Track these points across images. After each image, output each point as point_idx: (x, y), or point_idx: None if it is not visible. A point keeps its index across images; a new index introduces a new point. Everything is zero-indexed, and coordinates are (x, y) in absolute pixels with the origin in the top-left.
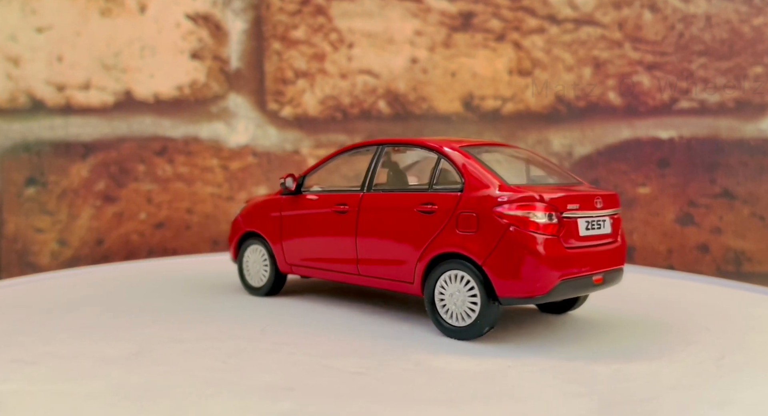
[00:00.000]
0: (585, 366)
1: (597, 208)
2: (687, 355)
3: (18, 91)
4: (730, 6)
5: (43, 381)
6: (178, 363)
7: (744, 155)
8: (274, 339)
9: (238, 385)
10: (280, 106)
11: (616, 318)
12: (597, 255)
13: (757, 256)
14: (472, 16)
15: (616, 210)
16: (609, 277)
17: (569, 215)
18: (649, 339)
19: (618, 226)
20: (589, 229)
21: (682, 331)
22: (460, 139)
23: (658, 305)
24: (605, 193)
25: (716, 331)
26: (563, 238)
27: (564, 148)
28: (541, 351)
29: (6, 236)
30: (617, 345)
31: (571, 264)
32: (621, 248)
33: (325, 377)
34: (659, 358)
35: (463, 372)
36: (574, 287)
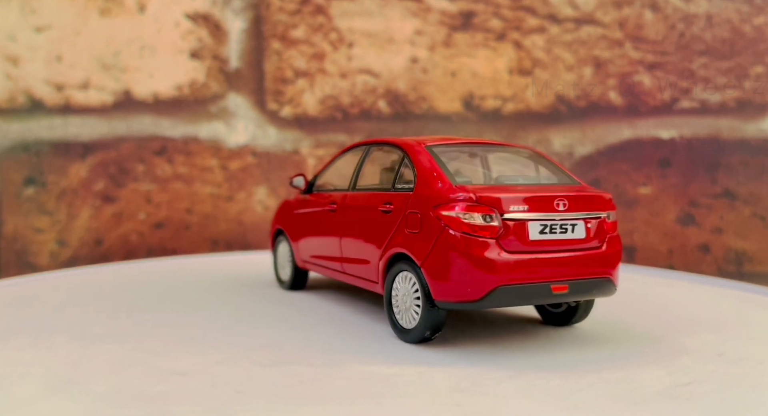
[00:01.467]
0: (539, 373)
1: (558, 210)
2: (670, 364)
3: (17, 91)
4: (731, 6)
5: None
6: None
7: (745, 155)
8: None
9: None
10: (280, 106)
11: (606, 323)
12: (558, 262)
13: (758, 256)
14: (473, 15)
15: (596, 213)
16: (580, 287)
17: (512, 217)
18: (631, 346)
19: (602, 231)
20: (546, 233)
21: (667, 337)
22: (442, 137)
23: (649, 308)
24: (586, 195)
25: (708, 337)
26: (504, 241)
27: (564, 148)
28: (494, 357)
29: (5, 236)
30: (598, 351)
31: (513, 270)
32: (604, 256)
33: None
34: (633, 366)
35: (372, 375)
36: (520, 296)
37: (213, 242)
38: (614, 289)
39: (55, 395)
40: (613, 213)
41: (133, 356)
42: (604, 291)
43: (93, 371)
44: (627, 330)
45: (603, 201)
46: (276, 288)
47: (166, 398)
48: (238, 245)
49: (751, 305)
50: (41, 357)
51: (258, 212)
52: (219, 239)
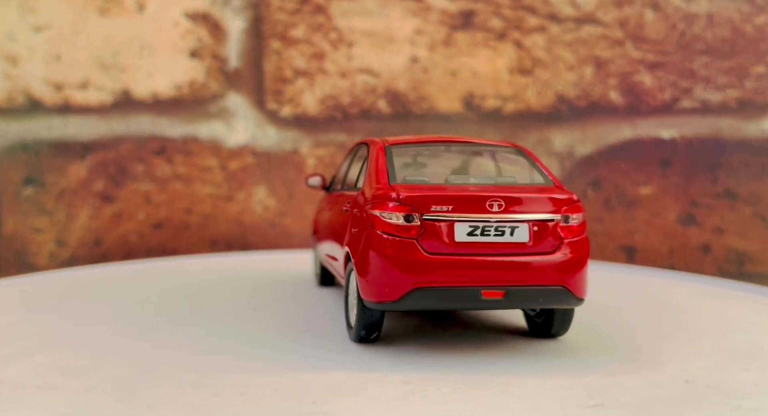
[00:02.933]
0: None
1: (492, 211)
2: (649, 372)
3: (16, 90)
4: (732, 5)
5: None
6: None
7: (746, 154)
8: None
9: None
10: (280, 105)
11: (593, 329)
12: (491, 266)
13: (759, 256)
14: (473, 15)
15: (544, 216)
16: (521, 295)
17: (434, 217)
18: (605, 355)
19: (555, 236)
20: (476, 235)
21: (649, 343)
22: (420, 136)
23: (642, 313)
24: (531, 196)
25: (696, 343)
26: (425, 242)
27: (565, 148)
28: (440, 366)
29: (4, 236)
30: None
31: (432, 272)
32: (556, 263)
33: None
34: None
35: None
36: (441, 298)
37: (212, 242)
38: (574, 300)
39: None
40: (575, 216)
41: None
42: (557, 301)
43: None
44: (610, 337)
45: (557, 203)
46: (268, 288)
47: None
48: (238, 245)
49: (745, 306)
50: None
51: (258, 213)
52: (219, 239)
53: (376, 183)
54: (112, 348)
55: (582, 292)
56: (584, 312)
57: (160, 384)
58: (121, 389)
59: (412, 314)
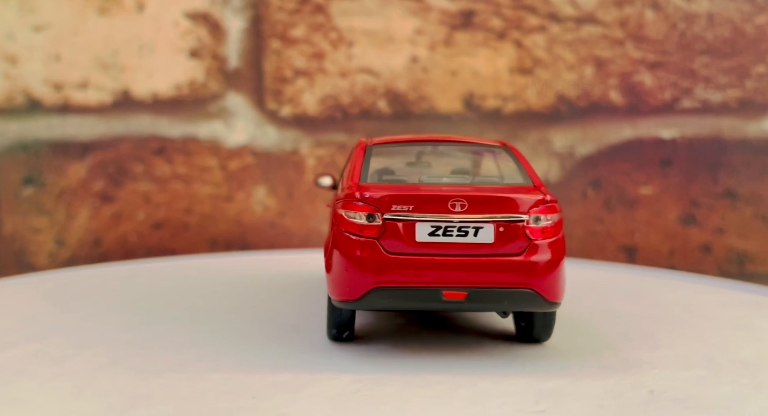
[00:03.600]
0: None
1: (454, 212)
2: (610, 380)
3: (15, 90)
4: (733, 5)
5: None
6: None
7: (747, 154)
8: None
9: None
10: (280, 105)
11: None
12: (453, 267)
13: (760, 256)
14: (473, 14)
15: (509, 217)
16: (485, 297)
17: (394, 217)
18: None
19: (523, 237)
20: (438, 235)
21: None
22: (406, 136)
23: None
24: (496, 196)
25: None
26: (386, 242)
27: (565, 148)
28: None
29: (4, 237)
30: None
31: (392, 272)
32: (522, 265)
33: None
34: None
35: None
36: (402, 298)
37: (212, 242)
38: (545, 303)
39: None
40: (547, 217)
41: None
42: (525, 305)
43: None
44: (595, 341)
45: (526, 203)
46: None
47: None
48: (238, 245)
49: (750, 311)
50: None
51: (257, 213)
52: (218, 239)
53: (348, 182)
54: (97, 340)
55: (554, 295)
56: (578, 314)
57: (118, 375)
58: (83, 378)
59: (400, 314)
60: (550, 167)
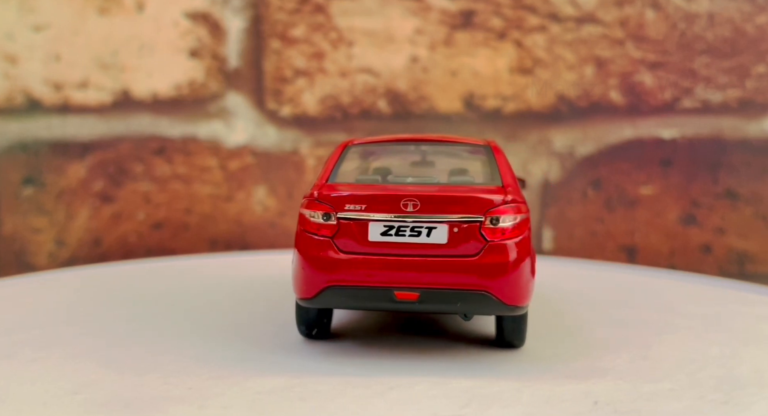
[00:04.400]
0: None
1: (406, 211)
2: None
3: (15, 90)
4: (733, 5)
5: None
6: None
7: (747, 154)
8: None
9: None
10: (279, 105)
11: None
12: (405, 267)
13: (760, 256)
14: (473, 14)
15: (465, 217)
16: (437, 298)
17: (348, 216)
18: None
19: (478, 238)
20: (391, 235)
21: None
22: (391, 136)
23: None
24: (451, 195)
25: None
26: (340, 241)
27: (565, 148)
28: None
29: (3, 237)
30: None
31: (345, 271)
32: (477, 266)
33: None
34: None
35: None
36: (355, 298)
37: (212, 242)
38: (502, 306)
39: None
40: (506, 217)
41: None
42: (479, 307)
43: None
44: (571, 346)
45: (483, 204)
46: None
47: None
48: (237, 245)
49: (751, 316)
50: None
51: (257, 213)
52: (218, 239)
53: (316, 182)
54: (80, 334)
55: (513, 299)
56: (574, 318)
57: (80, 366)
58: (48, 364)
59: (388, 313)
60: (551, 167)
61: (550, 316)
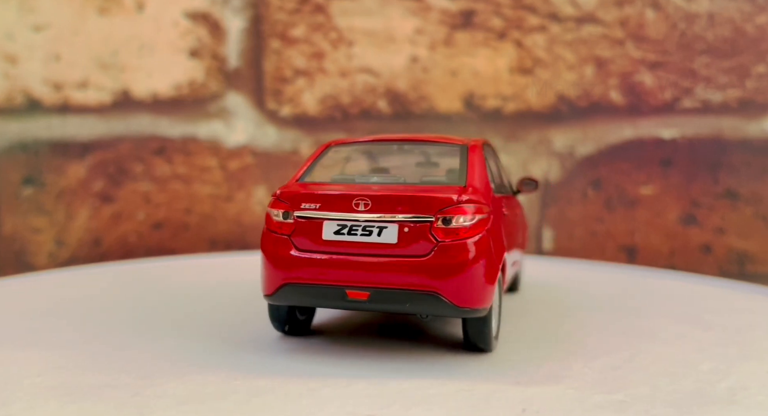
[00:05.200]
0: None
1: (358, 211)
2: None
3: (15, 90)
4: (733, 5)
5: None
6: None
7: (747, 154)
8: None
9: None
10: (279, 105)
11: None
12: (356, 266)
13: (760, 256)
14: (473, 14)
15: (415, 217)
16: (387, 298)
17: (304, 215)
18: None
19: (429, 238)
20: (343, 234)
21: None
22: (374, 136)
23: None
24: (401, 195)
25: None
26: (297, 239)
27: (566, 148)
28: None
29: (3, 236)
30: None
31: (300, 269)
32: (427, 266)
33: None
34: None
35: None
36: (309, 295)
37: (212, 242)
38: (452, 308)
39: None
40: (459, 218)
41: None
42: (428, 308)
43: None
44: (540, 350)
45: (435, 204)
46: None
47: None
48: (237, 245)
49: (743, 321)
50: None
51: (257, 213)
52: (218, 239)
53: (289, 181)
54: (61, 330)
55: (464, 300)
56: (566, 320)
57: (51, 355)
58: (27, 354)
59: (371, 313)
60: (551, 167)
61: (544, 320)
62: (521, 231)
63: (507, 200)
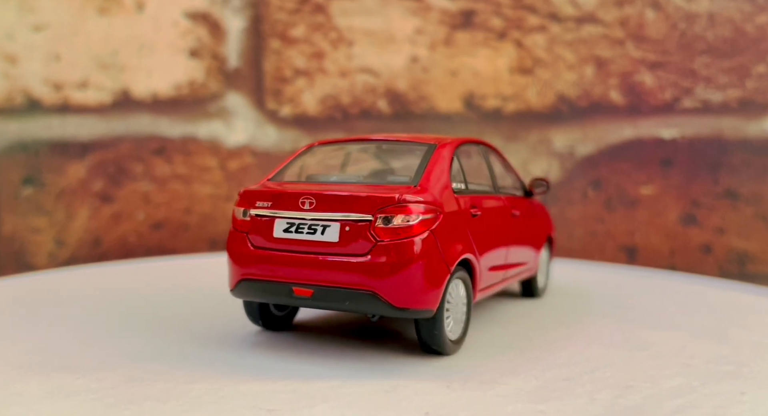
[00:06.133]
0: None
1: (303, 209)
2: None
3: (15, 90)
4: (733, 5)
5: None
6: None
7: (747, 154)
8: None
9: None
10: (279, 105)
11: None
12: (301, 264)
13: (760, 256)
14: (473, 14)
15: (355, 216)
16: (328, 296)
17: (258, 213)
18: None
19: (368, 237)
20: (290, 232)
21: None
22: (354, 136)
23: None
24: (343, 194)
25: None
26: (253, 236)
27: (566, 148)
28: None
29: (3, 236)
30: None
31: (253, 265)
32: (365, 266)
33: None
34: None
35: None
36: (262, 292)
37: (212, 242)
38: (389, 308)
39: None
40: (399, 217)
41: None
42: (367, 307)
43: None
44: (495, 353)
45: (375, 203)
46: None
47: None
48: None
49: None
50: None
51: None
52: (218, 239)
53: (263, 180)
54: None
55: (402, 301)
56: (541, 325)
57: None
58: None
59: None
60: (551, 167)
61: (530, 327)
62: (532, 234)
63: (505, 200)
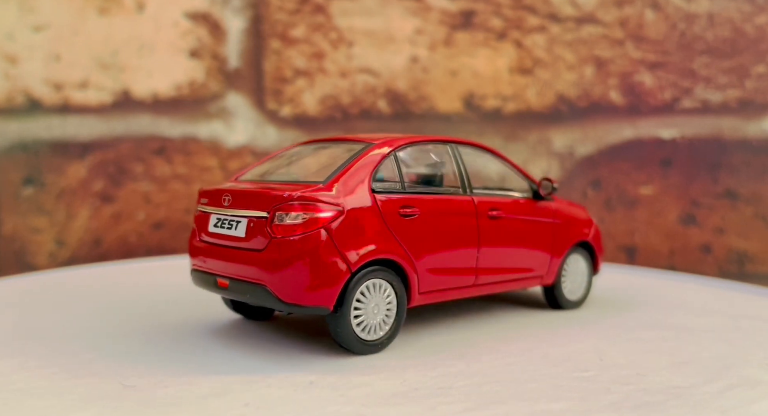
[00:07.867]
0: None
1: (224, 206)
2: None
3: (15, 90)
4: (733, 5)
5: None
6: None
7: (747, 154)
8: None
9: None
10: (279, 105)
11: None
12: (223, 257)
13: (760, 256)
14: (473, 14)
15: (256, 213)
16: (237, 288)
17: (199, 209)
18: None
19: (266, 233)
20: (218, 227)
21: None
22: (351, 135)
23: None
24: (249, 191)
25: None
26: (198, 230)
27: (565, 148)
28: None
29: (3, 236)
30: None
31: (196, 256)
32: (260, 260)
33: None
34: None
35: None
36: (200, 281)
37: None
38: (278, 302)
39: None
40: (291, 215)
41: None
42: (262, 300)
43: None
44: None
45: (271, 201)
46: None
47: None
48: None
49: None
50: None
51: None
52: None
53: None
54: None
55: (289, 296)
56: (506, 327)
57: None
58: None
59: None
60: (550, 166)
61: (500, 329)
62: (540, 238)
63: (477, 201)
